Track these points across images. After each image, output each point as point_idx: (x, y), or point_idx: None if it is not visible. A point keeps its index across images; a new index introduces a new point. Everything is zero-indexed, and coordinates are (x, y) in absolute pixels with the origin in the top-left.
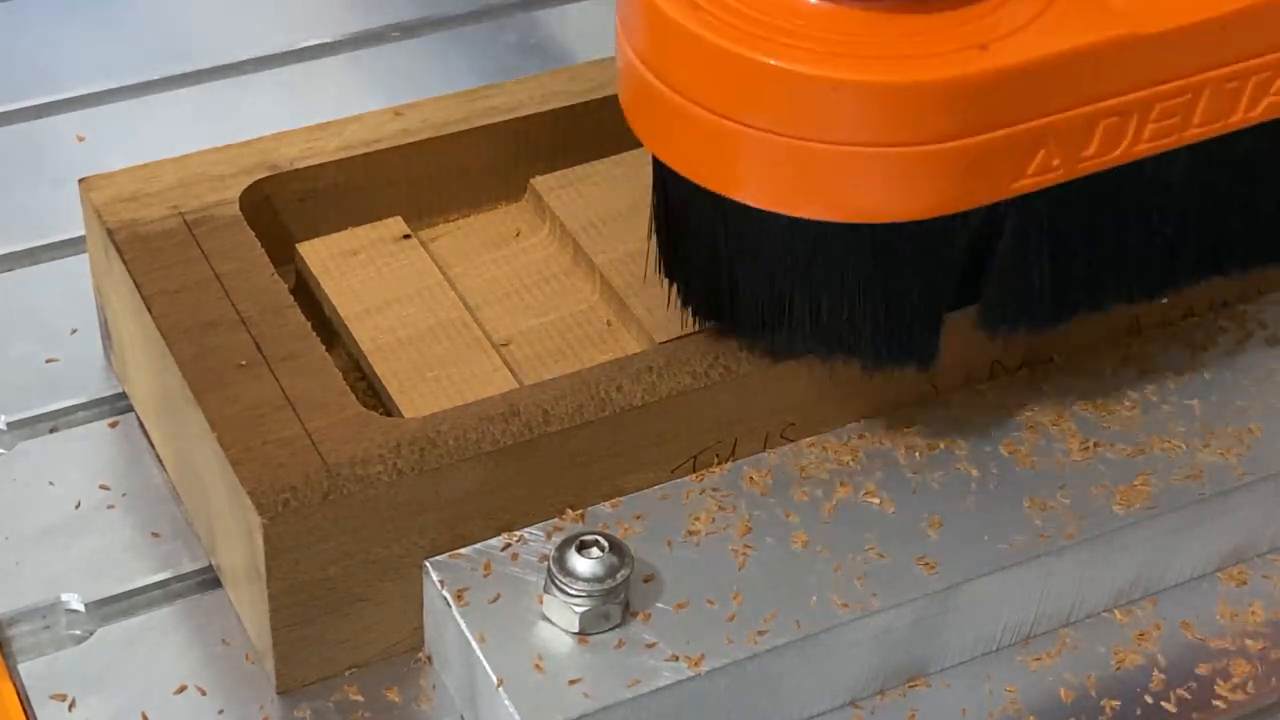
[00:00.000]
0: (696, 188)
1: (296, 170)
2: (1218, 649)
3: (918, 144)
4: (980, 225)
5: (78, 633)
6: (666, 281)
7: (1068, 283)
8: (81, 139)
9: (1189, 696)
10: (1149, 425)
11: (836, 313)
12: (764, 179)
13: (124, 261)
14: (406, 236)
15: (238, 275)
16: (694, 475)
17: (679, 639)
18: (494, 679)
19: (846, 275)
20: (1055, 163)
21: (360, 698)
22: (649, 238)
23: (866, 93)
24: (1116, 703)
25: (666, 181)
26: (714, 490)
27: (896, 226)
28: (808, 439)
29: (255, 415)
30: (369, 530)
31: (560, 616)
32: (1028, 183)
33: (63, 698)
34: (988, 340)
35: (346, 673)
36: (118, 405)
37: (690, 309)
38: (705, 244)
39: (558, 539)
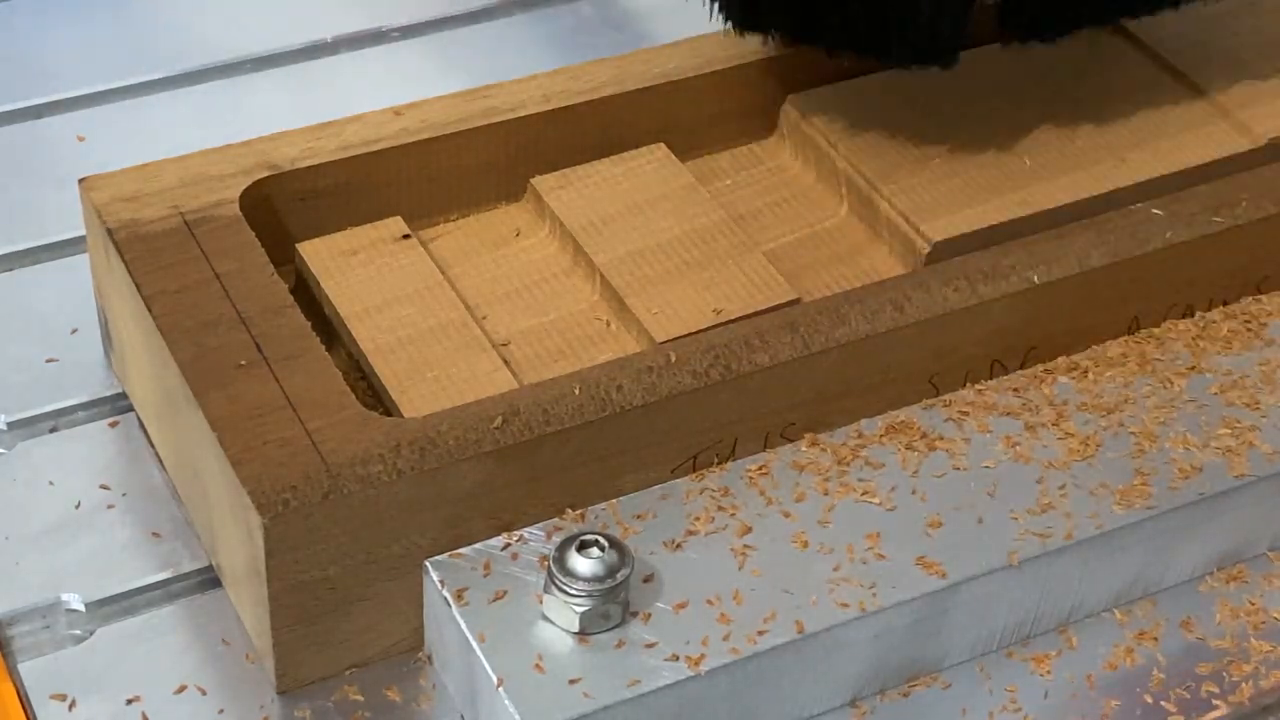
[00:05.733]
0: None
1: (296, 170)
2: (1218, 649)
3: None
4: None
5: (78, 633)
6: None
7: None
8: (81, 139)
9: (1189, 696)
10: (1149, 425)
11: (865, 6)
12: None
13: (124, 261)
14: (406, 236)
15: (238, 275)
16: (694, 475)
17: (679, 639)
18: (494, 679)
19: None
20: None
21: (360, 698)
22: None
23: None
24: (1116, 703)
25: None
26: (714, 490)
27: None
28: (808, 439)
29: (255, 415)
30: (369, 530)
31: (560, 616)
32: None
33: (63, 698)
34: (988, 337)
35: (346, 673)
36: (118, 405)
37: (726, 15)
38: None
39: (558, 539)
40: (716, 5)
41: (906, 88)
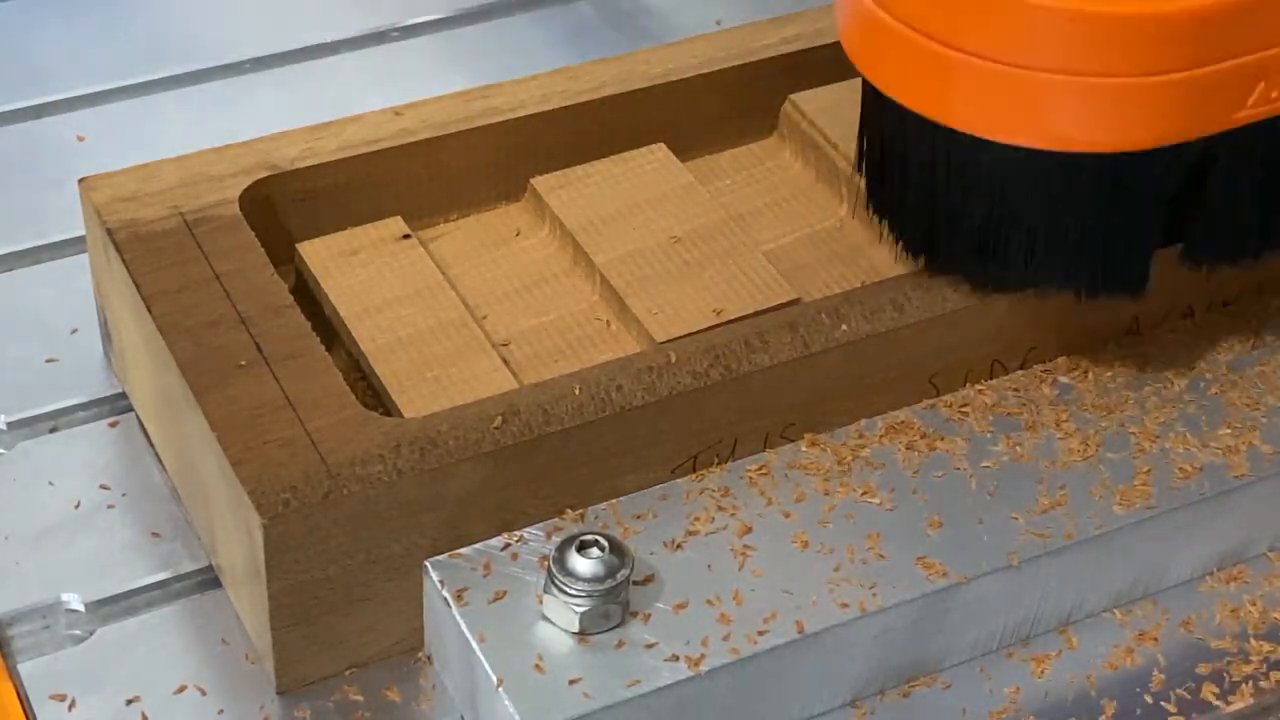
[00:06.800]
0: (914, 120)
1: (296, 170)
2: (1218, 649)
3: (1157, 73)
4: (1194, 158)
5: (78, 633)
6: (876, 218)
7: (1274, 216)
8: (81, 139)
9: (1189, 696)
10: (1149, 425)
11: (1054, 244)
12: (991, 109)
13: (124, 261)
14: (406, 236)
15: (238, 275)
16: (694, 475)
17: (679, 639)
18: (494, 679)
19: (1068, 206)
20: (1274, 94)
21: (360, 698)
22: (858, 173)
23: (1103, 24)
24: (1116, 703)
25: (881, 116)
26: (714, 490)
27: (1120, 157)
28: (808, 439)
29: (255, 415)
30: (369, 530)
31: (560, 616)
32: (1247, 114)
33: (63, 698)
34: (988, 337)
35: (346, 673)
36: (118, 405)
37: (901, 245)
38: (921, 178)
39: (558, 539)
40: (890, 229)
41: None
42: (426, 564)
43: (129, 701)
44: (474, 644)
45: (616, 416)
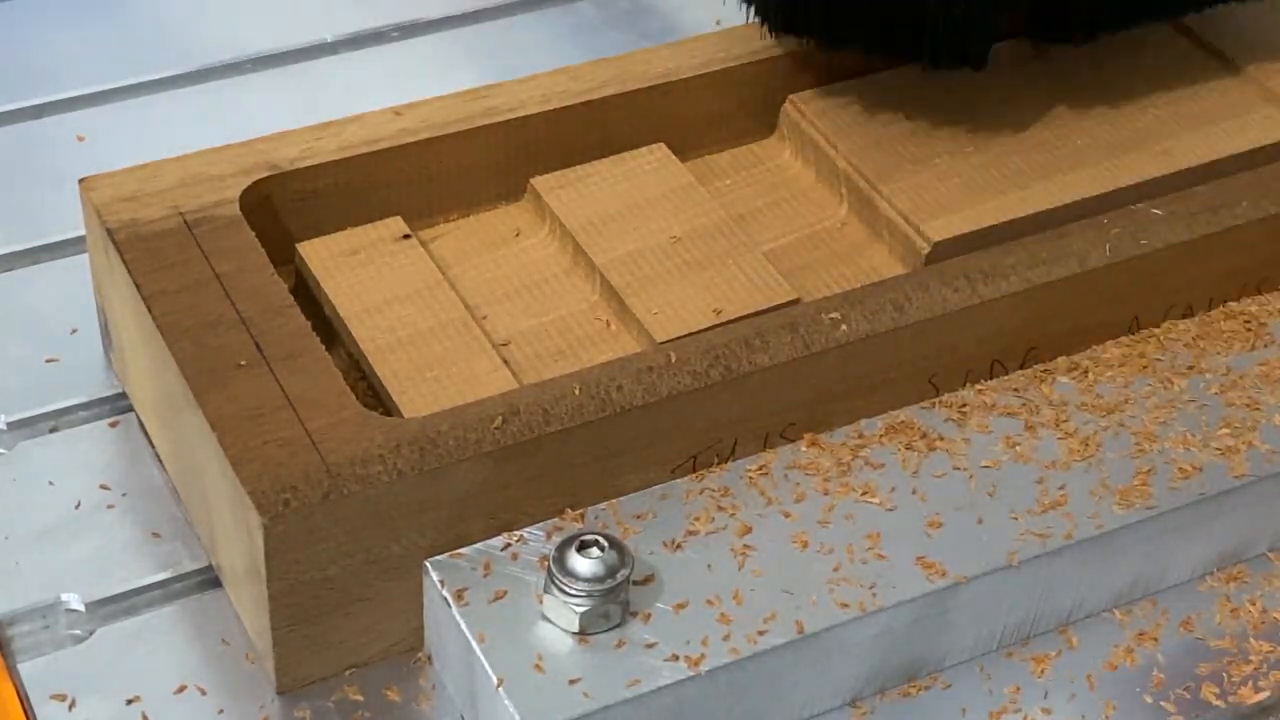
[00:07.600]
0: None
1: (296, 170)
2: (1218, 649)
3: None
4: None
5: (78, 633)
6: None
7: None
8: (81, 139)
9: (1189, 696)
10: (1150, 425)
11: (901, 12)
12: None
13: (124, 261)
14: (406, 236)
15: (238, 275)
16: (694, 475)
17: (679, 639)
18: (494, 679)
19: None
20: None
21: (360, 698)
22: None
23: None
24: (1116, 703)
25: None
26: (714, 490)
27: None
28: (808, 439)
29: (255, 415)
30: (369, 530)
31: (560, 616)
32: None
33: (63, 698)
34: (988, 337)
35: (346, 673)
36: (118, 405)
37: (763, 19)
38: None
39: (558, 539)
40: (754, 9)
41: (906, 88)
42: (426, 564)
43: (129, 701)
44: (474, 644)
45: (616, 416)
